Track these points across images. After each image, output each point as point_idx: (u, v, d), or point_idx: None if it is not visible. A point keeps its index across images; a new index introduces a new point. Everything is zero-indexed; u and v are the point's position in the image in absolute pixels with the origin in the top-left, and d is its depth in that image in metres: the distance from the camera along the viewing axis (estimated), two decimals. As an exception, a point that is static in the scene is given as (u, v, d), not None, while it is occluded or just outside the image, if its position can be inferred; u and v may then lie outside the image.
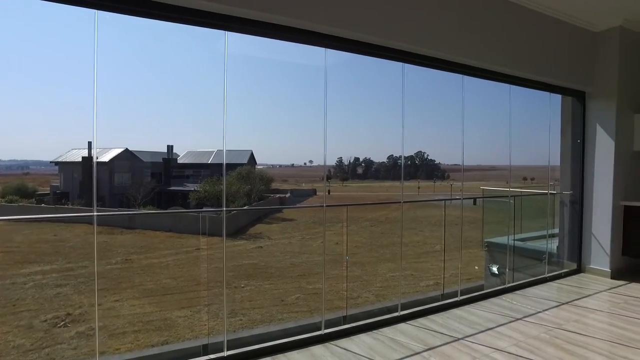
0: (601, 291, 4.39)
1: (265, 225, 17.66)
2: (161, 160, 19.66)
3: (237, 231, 16.40)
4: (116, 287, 10.91)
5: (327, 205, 3.38)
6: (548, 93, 4.82)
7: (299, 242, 17.19)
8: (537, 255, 5.46)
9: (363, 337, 3.20)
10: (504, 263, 5.73)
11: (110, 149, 18.25)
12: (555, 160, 5.31)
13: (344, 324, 3.36)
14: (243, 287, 11.53)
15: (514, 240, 5.33)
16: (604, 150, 4.84)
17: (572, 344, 3.10)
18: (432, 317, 3.64)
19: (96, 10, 2.30)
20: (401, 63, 3.51)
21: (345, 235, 4.55)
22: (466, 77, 3.96)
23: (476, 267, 6.75)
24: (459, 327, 3.39)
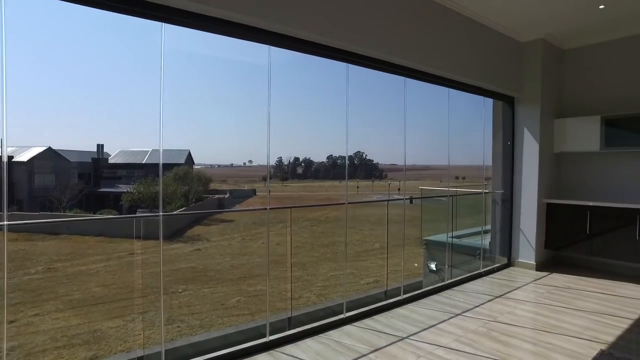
0: (528, 283, 4.70)
1: (204, 227, 17.07)
2: (90, 160, 18.27)
3: (173, 234, 15.68)
4: (36, 299, 9.93)
5: (270, 208, 3.28)
6: (482, 97, 5.09)
7: (239, 243, 16.82)
8: (472, 252, 5.75)
9: (309, 342, 3.15)
10: (441, 260, 5.97)
11: (30, 147, 16.64)
12: (488, 161, 5.61)
13: (289, 329, 3.28)
14: (181, 292, 11.04)
15: (451, 237, 5.55)
16: (530, 152, 5.20)
17: (506, 335, 3.27)
18: (376, 317, 3.67)
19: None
20: (345, 63, 3.50)
21: (289, 236, 4.48)
22: (408, 80, 4.04)
23: (415, 265, 6.97)
24: (403, 326, 3.45)
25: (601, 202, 4.87)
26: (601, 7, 4.28)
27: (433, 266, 6.18)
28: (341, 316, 3.53)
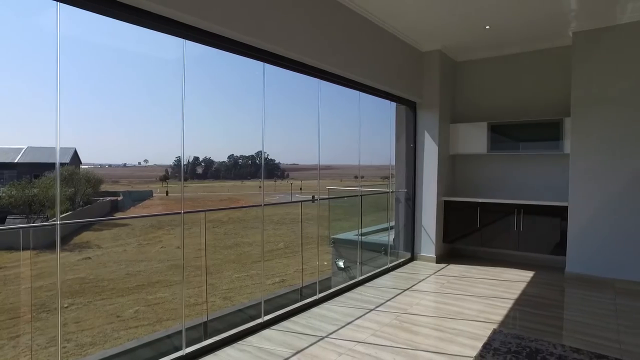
0: (431, 275, 5.09)
1: (94, 232, 15.42)
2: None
3: (54, 242, 13.87)
4: None
5: (185, 212, 3.07)
6: (389, 101, 5.37)
7: (135, 249, 15.53)
8: (378, 248, 6.04)
9: (228, 351, 3.01)
10: (349, 257, 6.17)
11: None
12: (393, 161, 5.94)
13: (206, 339, 3.11)
14: (66, 307, 9.83)
15: (361, 235, 5.77)
16: (430, 154, 5.63)
17: (417, 325, 3.49)
18: (294, 319, 3.65)
19: None
20: (263, 63, 3.42)
21: (204, 239, 4.25)
22: (320, 82, 4.09)
23: (325, 263, 7.11)
24: (321, 326, 3.48)
25: (488, 199, 5.47)
26: (487, 27, 4.81)
27: (341, 264, 6.35)
28: (259, 320, 3.45)
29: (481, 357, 2.89)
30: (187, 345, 2.92)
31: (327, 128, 4.11)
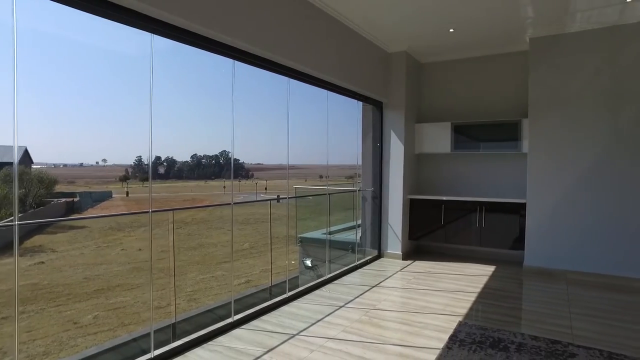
0: (397, 271, 5.20)
1: (48, 235, 14.62)
2: None
3: (4, 246, 13.08)
4: None
5: (153, 211, 2.99)
6: (355, 101, 5.44)
7: (93, 252, 14.88)
8: (345, 246, 6.11)
9: (198, 352, 2.96)
10: (316, 256, 6.20)
11: None
12: (358, 160, 6.03)
13: (175, 341, 3.04)
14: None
15: (329, 233, 5.81)
16: (396, 153, 5.75)
17: (385, 320, 3.57)
18: (264, 317, 3.64)
19: None
20: (232, 60, 3.38)
21: (172, 239, 4.15)
22: (290, 81, 4.09)
23: (292, 262, 7.11)
24: (292, 324, 3.49)
25: (452, 197, 5.65)
26: (451, 30, 4.97)
27: (309, 263, 6.38)
28: (229, 320, 3.41)
29: (448, 348, 2.99)
30: (156, 348, 2.85)
31: (292, 127, 4.11)
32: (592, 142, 4.74)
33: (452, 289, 4.46)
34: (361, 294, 4.29)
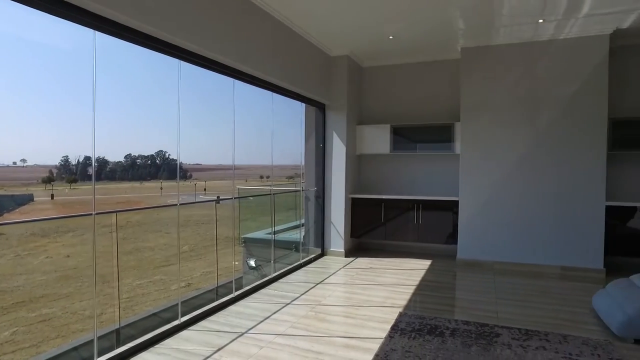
0: (340, 268, 5.38)
1: (-50, 245, 13.18)
2: None
3: None
4: None
5: (97, 213, 2.89)
6: (299, 103, 5.55)
7: (12, 261, 13.64)
8: (289, 246, 6.20)
9: (145, 356, 2.90)
10: (260, 256, 6.23)
11: None
12: (302, 161, 6.13)
13: (119, 346, 2.96)
14: None
15: (274, 233, 5.86)
16: (338, 154, 5.94)
17: (331, 315, 3.71)
18: (212, 318, 3.63)
19: None
20: (178, 60, 3.34)
21: (116, 241, 4.01)
22: (236, 82, 4.11)
23: (236, 262, 7.06)
24: (240, 322, 3.52)
25: (391, 195, 5.95)
26: (390, 37, 5.24)
27: (252, 263, 6.39)
28: (176, 322, 3.37)
29: (390, 337, 3.19)
30: (99, 355, 2.76)
31: (231, 127, 4.14)
32: (515, 144, 5.23)
33: (393, 282, 4.71)
34: (307, 291, 4.41)
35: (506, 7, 4.22)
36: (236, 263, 7.06)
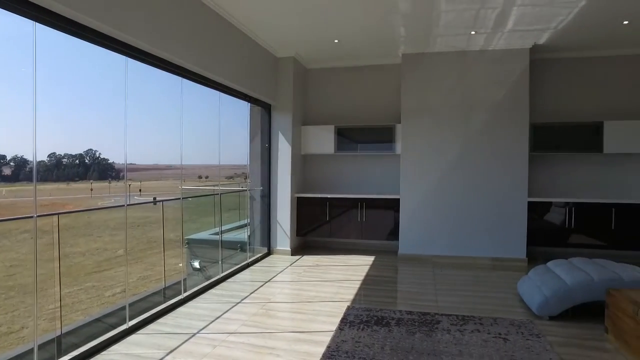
0: (288, 266, 5.46)
1: None
2: None
3: None
4: None
5: (38, 216, 2.74)
6: (242, 102, 5.55)
7: None
8: (234, 246, 6.18)
9: (92, 363, 2.81)
10: (205, 257, 6.15)
11: None
12: (245, 160, 6.12)
13: (61, 356, 2.82)
14: None
15: (220, 233, 5.81)
16: (284, 154, 6.02)
17: (282, 312, 3.80)
18: (161, 320, 3.56)
19: None
20: (125, 57, 3.25)
21: (58, 250, 3.79)
22: (183, 80, 4.05)
23: (180, 265, 6.89)
24: (191, 323, 3.49)
25: (336, 194, 6.14)
26: (336, 41, 5.42)
27: (197, 264, 6.28)
28: (124, 327, 3.27)
29: (340, 329, 3.33)
30: (40, 364, 2.63)
31: (174, 127, 4.08)
32: (450, 146, 5.63)
33: (339, 278, 4.88)
34: (256, 290, 4.45)
35: (443, 18, 4.55)
36: (180, 265, 6.90)
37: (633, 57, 5.60)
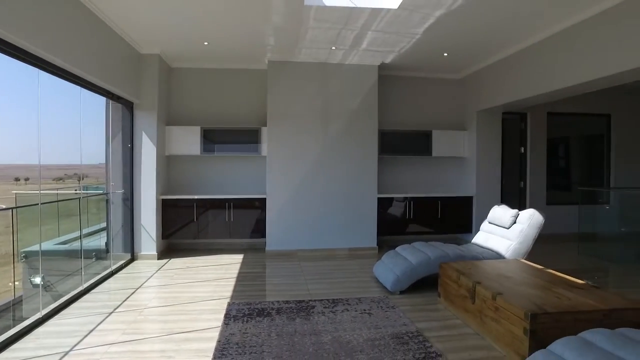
0: (157, 270, 5.29)
1: None
2: None
3: None
4: None
5: None
6: (105, 99, 5.16)
7: None
8: (89, 254, 5.65)
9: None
10: (52, 270, 5.50)
11: None
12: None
13: None
14: None
15: (81, 241, 5.26)
16: (148, 154, 5.77)
17: (162, 315, 3.76)
18: (16, 345, 3.13)
19: None
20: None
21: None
22: (40, 72, 3.63)
23: (12, 283, 5.97)
24: (59, 342, 3.19)
25: (203, 195, 6.15)
26: (205, 43, 5.45)
27: (38, 280, 5.57)
28: (-26, 355, 2.84)
29: (225, 324, 3.51)
30: None
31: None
32: (312, 148, 6.21)
33: (213, 278, 4.98)
34: (128, 297, 4.25)
35: (310, 33, 5.05)
36: (17, 283, 5.97)
37: (451, 80, 7.10)
